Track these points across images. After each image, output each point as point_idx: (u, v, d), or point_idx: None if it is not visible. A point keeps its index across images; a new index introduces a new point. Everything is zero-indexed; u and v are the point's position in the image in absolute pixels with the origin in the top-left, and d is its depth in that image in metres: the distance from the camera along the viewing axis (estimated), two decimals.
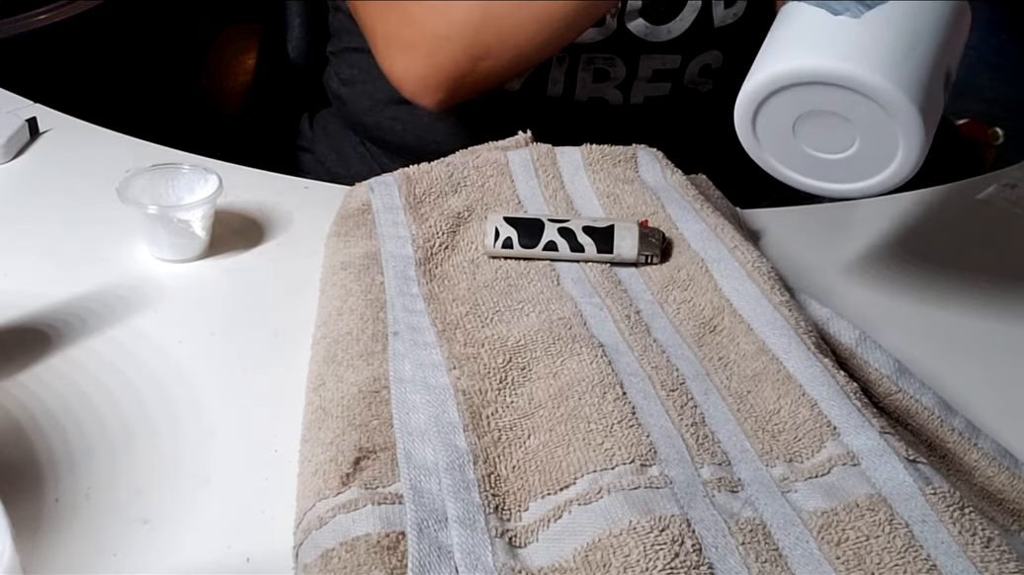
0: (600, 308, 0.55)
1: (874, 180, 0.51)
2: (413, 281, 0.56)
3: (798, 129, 0.51)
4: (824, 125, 0.50)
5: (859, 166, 0.51)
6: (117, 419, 0.51)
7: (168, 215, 0.62)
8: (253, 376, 0.55)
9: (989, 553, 0.39)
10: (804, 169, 0.53)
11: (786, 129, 0.51)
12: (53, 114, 0.81)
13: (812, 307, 0.57)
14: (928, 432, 0.51)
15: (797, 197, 1.01)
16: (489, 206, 0.63)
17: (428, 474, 0.43)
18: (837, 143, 0.51)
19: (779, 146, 0.52)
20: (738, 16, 0.83)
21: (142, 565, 0.43)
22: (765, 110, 0.51)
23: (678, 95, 0.85)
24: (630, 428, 0.45)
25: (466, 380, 0.48)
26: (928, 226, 0.74)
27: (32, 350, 0.55)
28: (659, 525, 0.39)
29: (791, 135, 0.51)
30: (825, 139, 0.51)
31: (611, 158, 0.67)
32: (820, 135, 0.51)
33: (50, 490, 0.46)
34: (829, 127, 0.50)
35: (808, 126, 0.51)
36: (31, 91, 0.84)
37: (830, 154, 0.51)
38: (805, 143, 0.52)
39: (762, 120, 0.52)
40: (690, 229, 0.61)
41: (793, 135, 0.51)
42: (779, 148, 0.53)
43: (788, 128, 0.51)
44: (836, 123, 0.50)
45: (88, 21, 1.33)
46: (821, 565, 0.39)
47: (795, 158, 0.53)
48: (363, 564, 0.39)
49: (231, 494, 0.47)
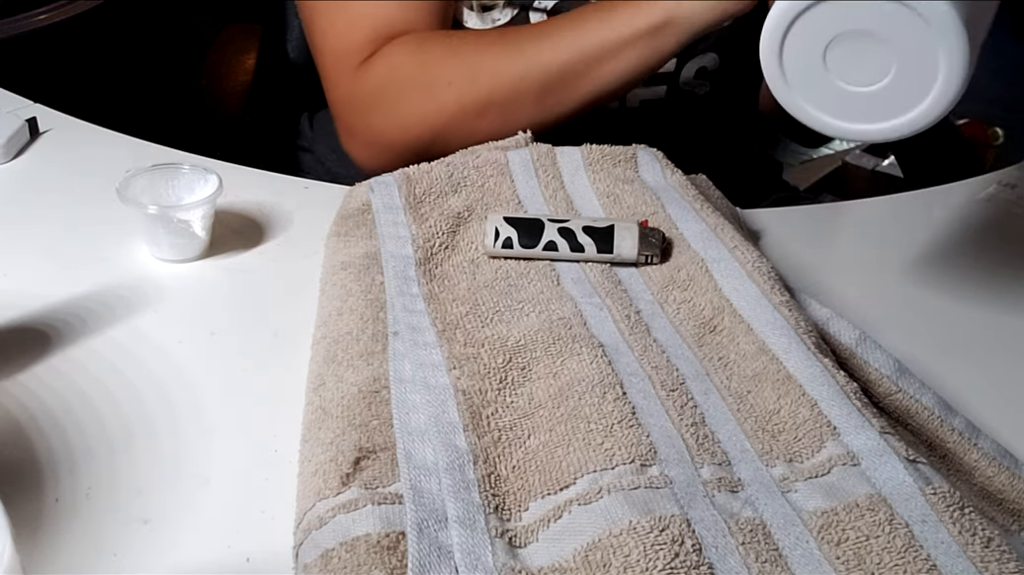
0: (600, 308, 0.55)
1: (911, 115, 0.48)
2: (413, 281, 0.56)
3: (829, 58, 0.48)
4: (858, 51, 0.47)
5: (895, 98, 0.47)
6: (117, 419, 0.51)
7: (168, 215, 0.62)
8: (253, 376, 0.55)
9: (989, 553, 0.39)
10: (836, 109, 0.49)
11: (816, 59, 0.48)
12: (53, 114, 0.81)
13: (812, 307, 0.57)
14: (928, 432, 0.51)
15: (797, 197, 1.01)
16: (489, 206, 0.63)
17: (428, 474, 0.43)
18: (871, 72, 0.47)
19: (809, 81, 0.49)
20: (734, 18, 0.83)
21: (142, 565, 0.43)
22: (794, 35, 0.48)
23: (674, 98, 0.84)
24: (630, 428, 0.45)
25: (466, 380, 0.48)
26: (928, 226, 0.74)
27: (32, 350, 0.55)
28: (659, 525, 0.39)
29: (822, 66, 0.48)
30: (858, 68, 0.47)
31: (611, 158, 0.67)
32: (853, 64, 0.47)
33: (50, 490, 0.46)
34: (863, 54, 0.47)
35: (840, 53, 0.47)
36: (31, 91, 0.84)
37: (864, 86, 0.48)
38: (836, 75, 0.48)
39: (790, 49, 0.48)
40: (690, 229, 0.61)
41: (824, 66, 0.48)
42: (809, 83, 0.49)
43: (818, 57, 0.48)
44: (870, 48, 0.46)
45: (88, 21, 1.33)
46: (821, 565, 0.39)
47: (826, 95, 0.49)
48: (363, 564, 0.39)
49: (231, 494, 0.47)
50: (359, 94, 0.74)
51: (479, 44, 0.71)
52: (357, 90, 0.74)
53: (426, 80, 0.71)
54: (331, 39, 0.75)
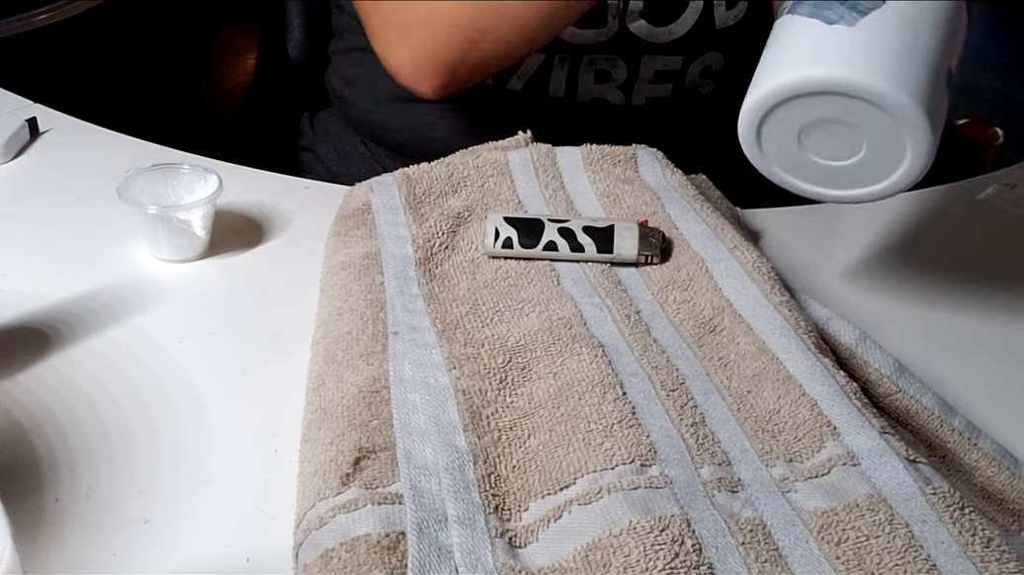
0: (600, 308, 0.55)
1: (883, 184, 0.51)
2: (413, 281, 0.56)
3: (803, 139, 0.51)
4: (830, 133, 0.50)
5: (868, 171, 0.51)
6: (117, 419, 0.51)
7: (168, 215, 0.62)
8: (253, 376, 0.55)
9: (989, 553, 0.39)
10: (812, 178, 0.53)
11: (791, 140, 0.51)
12: (53, 114, 0.81)
13: (812, 307, 0.57)
14: (928, 432, 0.51)
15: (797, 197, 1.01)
16: (489, 206, 0.63)
17: (428, 474, 0.43)
18: (844, 150, 0.51)
19: (785, 157, 0.52)
20: (739, 18, 0.83)
21: (142, 565, 0.43)
22: (769, 123, 0.51)
23: (680, 96, 0.85)
24: (630, 428, 0.45)
25: (466, 380, 0.48)
26: (928, 226, 0.74)
27: (32, 350, 0.55)
28: (659, 525, 0.39)
29: (797, 145, 0.51)
30: (831, 147, 0.51)
31: (611, 158, 0.67)
32: (826, 143, 0.51)
33: (50, 490, 0.46)
34: (835, 134, 0.50)
35: (813, 135, 0.51)
36: (31, 91, 0.84)
37: (837, 161, 0.51)
38: (811, 152, 0.51)
39: (766, 132, 0.51)
40: (690, 229, 0.61)
41: (799, 145, 0.51)
42: (785, 159, 0.52)
43: (793, 139, 0.51)
44: (841, 130, 0.50)
45: (88, 21, 1.33)
46: (821, 565, 0.39)
47: (802, 168, 0.52)
48: (363, 564, 0.39)
49: (231, 494, 0.47)
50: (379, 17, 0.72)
51: None
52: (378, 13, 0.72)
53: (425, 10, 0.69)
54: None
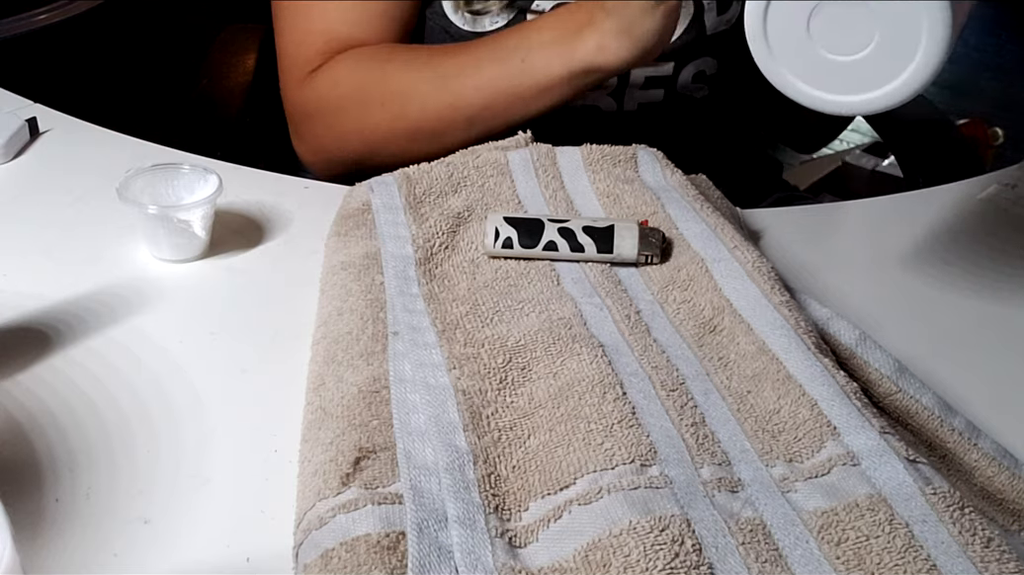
0: (600, 308, 0.55)
1: (893, 84, 0.49)
2: (413, 281, 0.56)
3: (813, 25, 0.48)
4: (841, 18, 0.47)
5: (876, 68, 0.48)
6: (117, 419, 0.51)
7: (168, 215, 0.62)
8: (253, 376, 0.55)
9: (989, 553, 0.39)
10: (819, 79, 0.50)
11: (800, 26, 0.49)
12: (53, 114, 0.81)
13: (812, 307, 0.57)
14: (928, 432, 0.51)
15: (797, 197, 1.01)
16: (489, 206, 0.63)
17: (428, 474, 0.43)
18: (854, 40, 0.48)
19: (792, 50, 0.50)
20: (731, 23, 0.82)
21: (142, 565, 0.43)
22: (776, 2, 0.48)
23: (672, 102, 0.84)
24: (630, 428, 0.45)
25: (466, 380, 0.48)
26: (928, 226, 0.74)
27: (32, 350, 0.55)
28: (659, 525, 0.39)
29: (805, 34, 0.49)
30: (841, 36, 0.48)
31: (611, 158, 0.67)
32: (836, 31, 0.48)
33: (50, 490, 0.46)
34: (846, 20, 0.47)
35: (823, 20, 0.48)
36: (31, 91, 0.84)
37: (846, 55, 0.49)
38: (820, 43, 0.49)
39: (774, 16, 0.49)
40: (690, 229, 0.61)
41: (808, 33, 0.49)
42: (792, 53, 0.50)
43: (803, 25, 0.48)
44: (854, 14, 0.47)
45: (88, 21, 1.33)
46: (821, 565, 0.39)
47: (809, 65, 0.50)
48: (363, 564, 0.39)
49: (231, 494, 0.47)
50: (304, 103, 0.78)
51: (409, 69, 0.74)
52: (303, 100, 0.78)
53: (360, 100, 0.75)
54: (288, 46, 0.79)
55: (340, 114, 0.76)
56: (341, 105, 0.76)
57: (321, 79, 0.76)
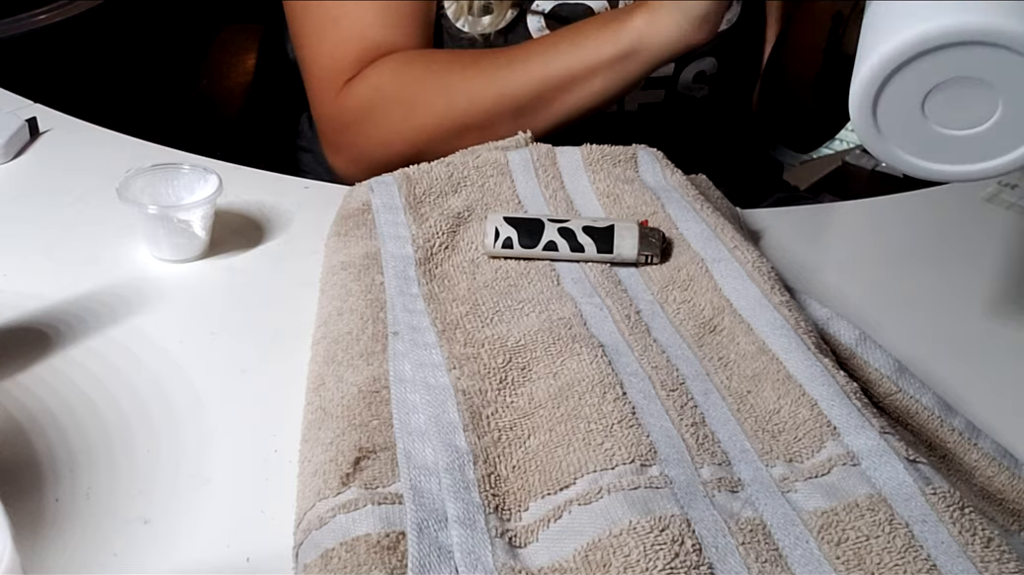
0: (600, 308, 0.55)
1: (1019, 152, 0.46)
2: (413, 281, 0.56)
3: (928, 107, 0.45)
4: (959, 96, 0.44)
5: (1000, 137, 0.45)
6: (117, 419, 0.51)
7: (168, 215, 0.62)
8: (253, 376, 0.55)
9: (989, 553, 0.39)
10: (936, 154, 0.47)
11: (914, 109, 0.45)
12: (53, 114, 0.81)
13: (812, 307, 0.57)
14: (928, 432, 0.51)
15: (797, 197, 1.01)
16: (489, 206, 0.63)
17: (428, 474, 0.43)
18: (974, 115, 0.45)
19: (905, 132, 0.46)
20: (732, 22, 0.82)
21: (142, 565, 0.43)
22: (890, 90, 0.45)
23: (673, 101, 0.84)
24: (630, 428, 0.45)
25: (466, 380, 0.48)
26: (928, 226, 0.74)
27: (32, 350, 0.55)
28: (659, 525, 0.39)
29: (920, 115, 0.45)
30: (959, 113, 0.45)
31: (611, 158, 0.67)
32: (953, 109, 0.45)
33: (50, 490, 0.46)
34: (965, 98, 0.44)
35: (939, 101, 0.45)
36: (31, 91, 0.84)
37: (966, 130, 0.46)
38: (936, 122, 0.46)
39: (885, 103, 0.46)
40: (690, 229, 0.61)
41: (922, 115, 0.45)
42: (905, 134, 0.46)
43: (916, 108, 0.45)
44: (973, 92, 0.44)
45: (88, 21, 1.32)
46: (821, 565, 0.39)
47: (925, 143, 0.46)
48: (363, 564, 0.39)
49: (231, 494, 0.47)
50: (344, 113, 0.77)
51: (455, 67, 0.74)
52: (342, 109, 0.77)
53: (406, 102, 0.74)
54: (319, 59, 0.78)
55: (384, 119, 0.75)
56: (384, 109, 0.75)
57: (361, 86, 0.76)
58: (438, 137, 0.73)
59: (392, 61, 0.75)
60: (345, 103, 0.77)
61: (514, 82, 0.72)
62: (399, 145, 0.75)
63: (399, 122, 0.75)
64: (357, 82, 0.76)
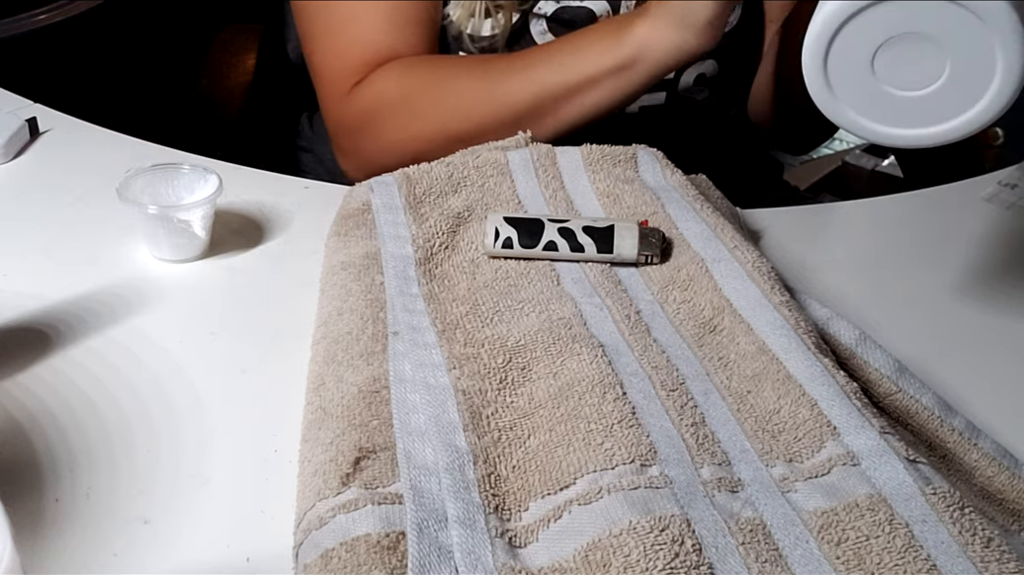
0: (600, 308, 0.55)
1: (967, 115, 0.46)
2: (413, 281, 0.56)
3: (877, 64, 0.46)
4: (908, 54, 0.45)
5: (950, 100, 0.46)
6: (117, 419, 0.51)
7: (168, 215, 0.62)
8: (253, 376, 0.55)
9: (989, 553, 0.39)
10: (887, 117, 0.47)
11: (863, 66, 0.46)
12: (53, 114, 0.81)
13: (812, 307, 0.57)
14: (928, 432, 0.51)
15: (797, 197, 1.01)
16: (489, 206, 0.63)
17: (428, 474, 0.43)
18: (923, 75, 0.45)
19: (856, 89, 0.47)
20: (732, 25, 0.82)
21: (142, 565, 0.43)
22: (840, 42, 0.45)
23: (673, 104, 0.84)
24: (630, 428, 0.45)
25: (466, 380, 0.48)
26: (928, 226, 0.74)
27: (32, 350, 0.55)
28: (659, 525, 0.39)
29: (869, 73, 0.46)
30: (909, 72, 0.45)
31: (611, 158, 0.67)
32: (903, 68, 0.45)
33: (50, 490, 0.46)
34: (914, 55, 0.45)
35: (889, 58, 0.45)
36: (31, 91, 0.84)
37: (915, 90, 0.46)
38: (886, 80, 0.46)
39: (835, 57, 0.46)
40: (690, 229, 0.61)
41: (872, 72, 0.46)
42: (856, 92, 0.47)
43: (866, 64, 0.46)
44: (922, 49, 0.44)
45: (88, 21, 1.32)
46: (821, 565, 0.39)
47: (875, 102, 0.47)
48: (363, 564, 0.39)
49: (231, 494, 0.47)
50: (349, 117, 0.78)
51: (458, 75, 0.74)
52: (347, 113, 0.78)
53: (409, 108, 0.75)
54: (327, 61, 0.78)
55: (388, 124, 0.76)
56: (389, 114, 0.75)
57: (366, 91, 0.76)
58: (439, 143, 0.73)
59: (397, 66, 0.76)
60: (350, 107, 0.77)
61: (515, 93, 0.72)
62: (401, 151, 0.75)
63: (401, 129, 0.75)
64: (363, 87, 0.76)
